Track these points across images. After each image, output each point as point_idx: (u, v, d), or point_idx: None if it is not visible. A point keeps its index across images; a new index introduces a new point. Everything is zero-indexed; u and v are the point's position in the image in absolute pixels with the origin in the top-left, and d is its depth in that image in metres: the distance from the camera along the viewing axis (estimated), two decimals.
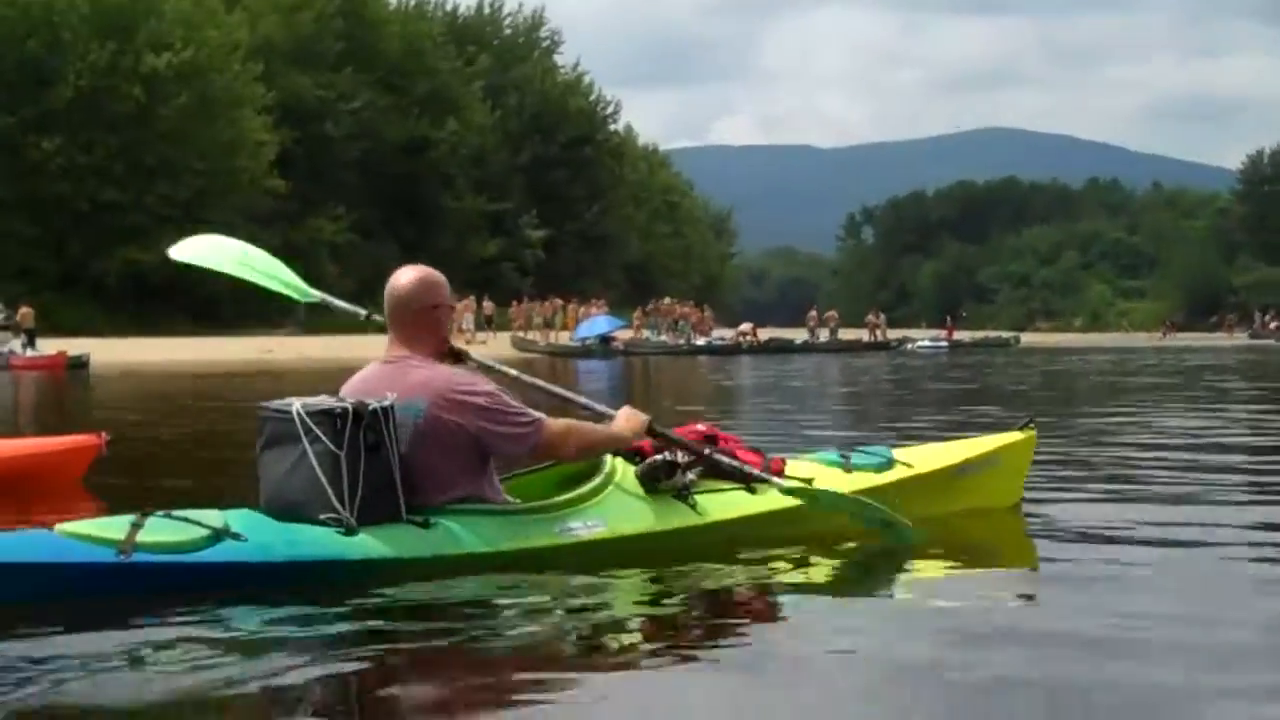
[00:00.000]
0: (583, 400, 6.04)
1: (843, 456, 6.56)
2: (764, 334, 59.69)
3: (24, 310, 42.01)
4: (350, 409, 4.97)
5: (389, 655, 4.29)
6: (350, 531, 4.97)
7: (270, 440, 5.17)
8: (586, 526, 5.42)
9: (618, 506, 5.55)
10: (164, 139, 58.52)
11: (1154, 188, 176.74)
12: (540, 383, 6.14)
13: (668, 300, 61.98)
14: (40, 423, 15.42)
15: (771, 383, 29.04)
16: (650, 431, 5.77)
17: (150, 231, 57.94)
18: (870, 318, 68.41)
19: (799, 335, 61.99)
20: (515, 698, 3.88)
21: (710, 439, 6.07)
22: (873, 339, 62.15)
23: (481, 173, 78.01)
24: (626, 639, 4.62)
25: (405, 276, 5.52)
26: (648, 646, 4.53)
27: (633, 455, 5.80)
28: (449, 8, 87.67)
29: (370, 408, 5.01)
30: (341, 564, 4.97)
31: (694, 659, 4.31)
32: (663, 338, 54.26)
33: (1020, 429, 7.36)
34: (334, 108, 70.41)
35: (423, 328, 5.51)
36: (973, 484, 6.93)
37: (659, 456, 5.74)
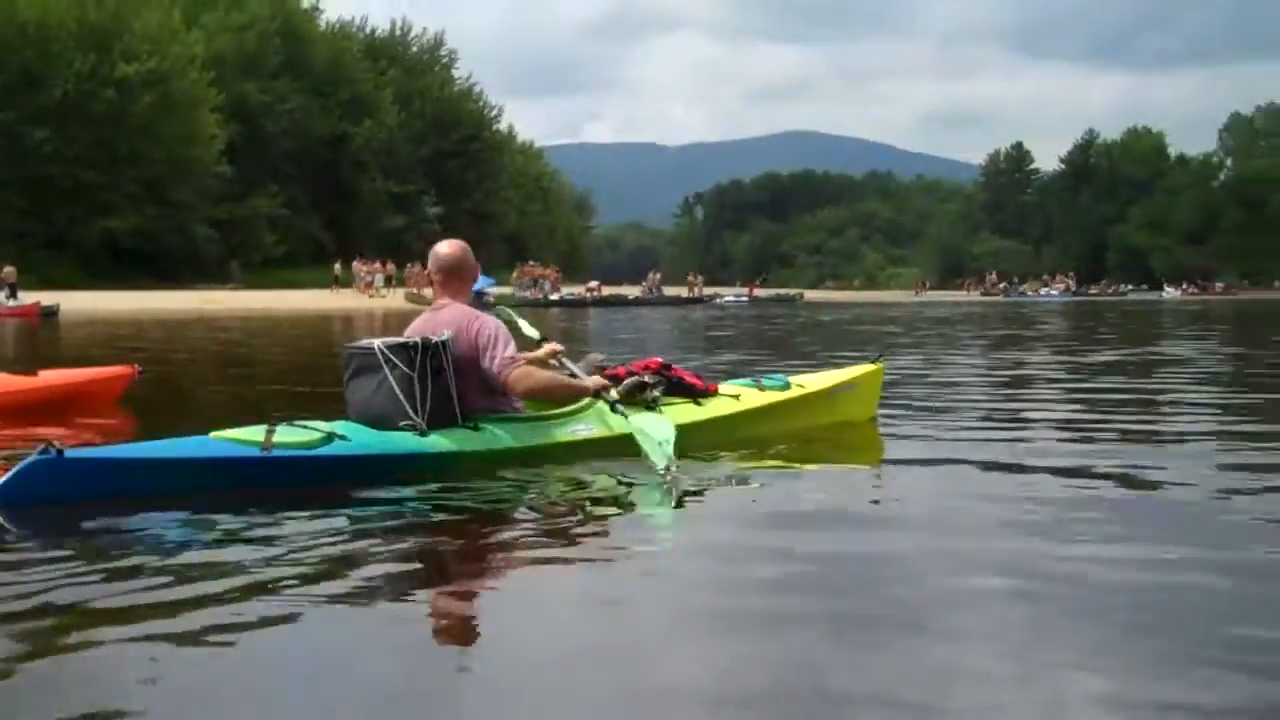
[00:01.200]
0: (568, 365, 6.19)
1: (755, 381, 7.08)
2: (608, 290, 60.13)
3: (7, 269, 40.90)
4: (420, 343, 5.41)
5: (451, 518, 4.73)
6: (423, 434, 5.39)
7: (357, 370, 5.56)
8: (585, 428, 5.86)
9: (602, 415, 5.91)
10: (134, 132, 57.24)
11: (917, 179, 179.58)
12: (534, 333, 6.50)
13: (531, 264, 61.92)
14: (20, 360, 14.90)
15: (613, 327, 29.61)
16: (605, 384, 6.04)
17: (122, 206, 57.71)
18: (690, 278, 69.09)
19: (635, 291, 62.32)
20: (535, 552, 4.32)
21: (665, 366, 6.46)
22: (690, 294, 62.76)
23: (390, 161, 77.06)
24: (597, 509, 4.97)
25: (447, 247, 6.08)
26: (613, 512, 4.98)
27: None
28: (368, 29, 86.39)
29: (433, 341, 5.45)
30: (419, 456, 5.35)
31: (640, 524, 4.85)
32: (525, 294, 54.45)
33: (872, 362, 7.97)
34: (272, 108, 69.16)
35: (457, 280, 6.01)
36: (844, 402, 7.48)
37: (634, 377, 6.16)
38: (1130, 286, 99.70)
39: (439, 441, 5.42)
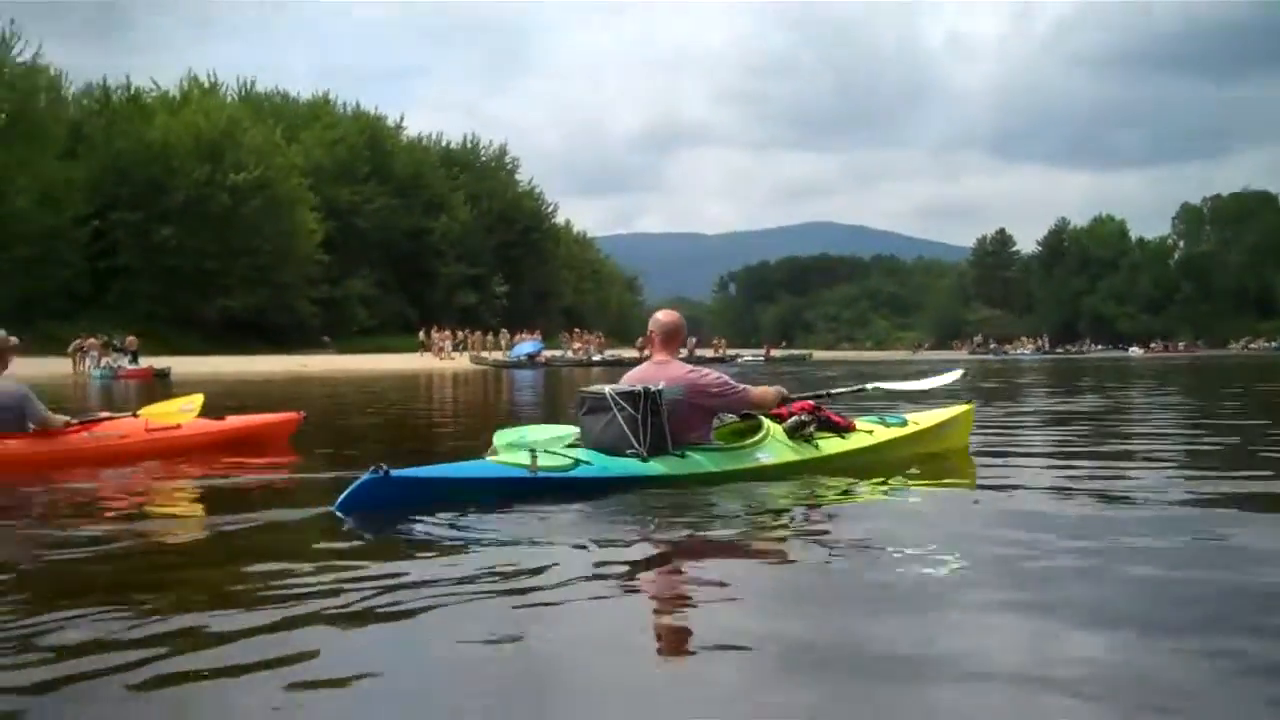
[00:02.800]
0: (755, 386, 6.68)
1: (881, 419, 7.52)
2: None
3: (130, 339, 41.69)
4: (643, 390, 5.87)
5: (662, 523, 4.94)
6: (645, 460, 5.82)
7: (590, 409, 6.01)
8: (766, 457, 6.29)
9: (777, 446, 6.40)
10: (245, 229, 58.26)
11: (918, 259, 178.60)
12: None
13: (578, 331, 62.15)
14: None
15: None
16: (783, 400, 6.67)
17: (236, 289, 58.55)
18: (715, 341, 68.91)
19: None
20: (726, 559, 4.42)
21: (817, 407, 6.91)
22: (716, 354, 62.72)
23: (464, 249, 77.61)
24: (775, 526, 5.12)
25: (665, 315, 6.53)
26: (792, 528, 5.05)
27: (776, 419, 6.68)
28: (443, 143, 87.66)
29: (652, 390, 5.90)
30: (643, 478, 5.74)
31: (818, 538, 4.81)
32: (571, 354, 54.64)
33: (965, 404, 8.36)
34: (362, 208, 70.25)
35: (675, 343, 6.52)
36: (948, 434, 7.85)
37: (795, 418, 6.61)
38: (1100, 346, 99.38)
39: (657, 466, 5.83)
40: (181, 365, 36.62)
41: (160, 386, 29.35)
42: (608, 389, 5.93)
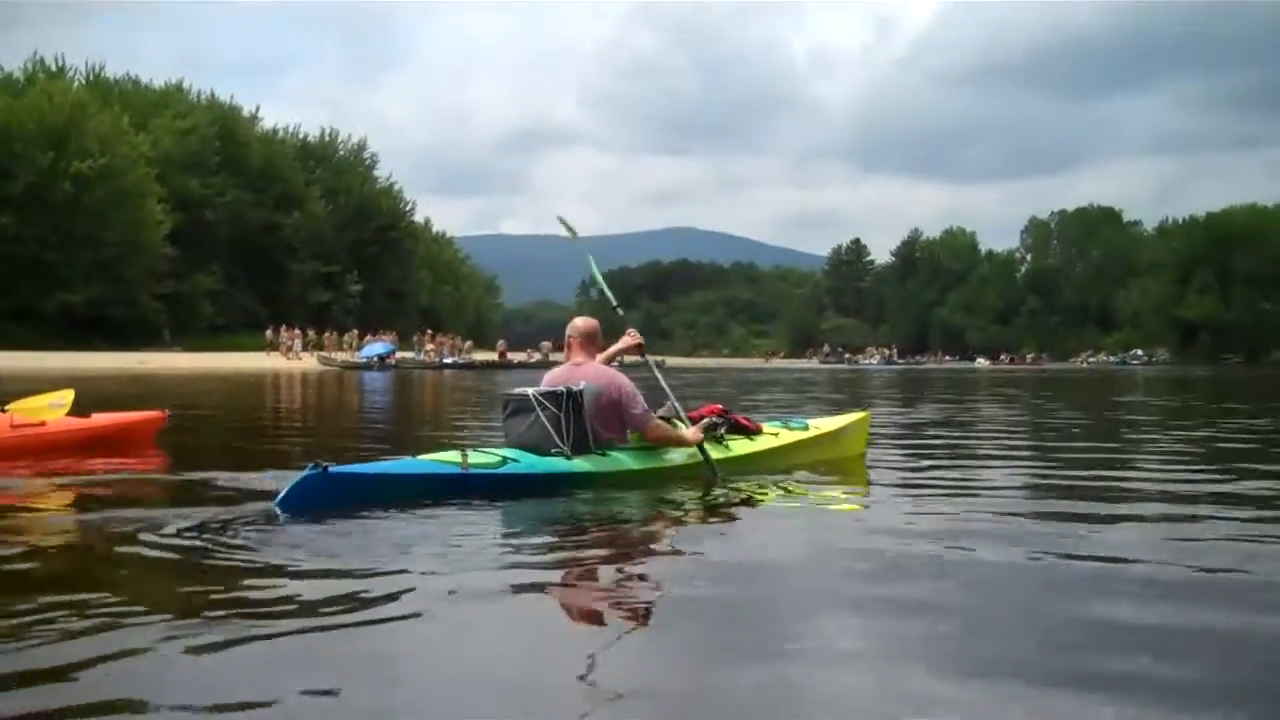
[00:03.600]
0: (677, 407, 7.01)
1: (785, 422, 8.01)
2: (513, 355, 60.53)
3: None
4: (566, 390, 6.17)
5: (585, 521, 5.33)
6: (568, 458, 6.12)
7: (515, 410, 6.30)
8: (679, 456, 6.69)
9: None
10: (88, 219, 56.62)
11: (775, 267, 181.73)
12: (664, 387, 7.16)
13: (430, 333, 61.78)
14: None
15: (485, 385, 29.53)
16: (704, 434, 6.87)
17: (77, 283, 56.71)
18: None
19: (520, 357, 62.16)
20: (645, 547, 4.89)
21: (725, 412, 7.36)
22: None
23: (318, 246, 76.75)
24: (684, 515, 5.73)
25: (582, 321, 6.83)
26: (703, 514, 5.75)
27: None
28: (301, 135, 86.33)
29: (575, 389, 6.19)
30: (568, 475, 6.05)
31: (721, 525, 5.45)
32: (420, 356, 54.35)
33: (862, 410, 9.18)
34: (212, 200, 68.68)
35: (591, 346, 6.72)
36: (845, 440, 8.35)
37: (706, 419, 7.04)
38: (950, 357, 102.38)
39: (581, 464, 6.14)
40: (4, 360, 34.13)
41: None
42: (530, 390, 6.23)
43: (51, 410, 8.67)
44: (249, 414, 16.48)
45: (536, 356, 60.92)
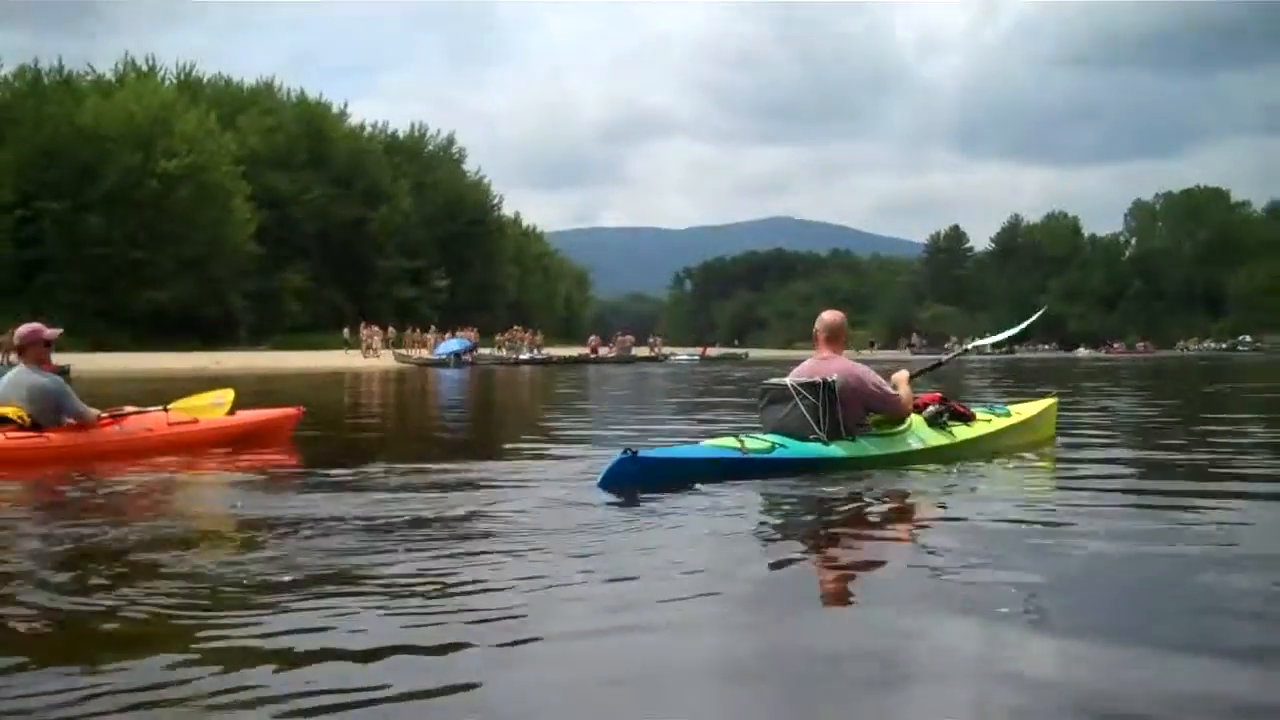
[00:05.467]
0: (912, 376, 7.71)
1: (991, 410, 8.53)
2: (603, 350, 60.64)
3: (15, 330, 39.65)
4: (822, 381, 6.73)
5: (850, 495, 5.85)
6: (825, 443, 6.70)
7: (773, 399, 6.94)
8: (917, 441, 7.28)
9: (924, 433, 7.39)
10: (175, 218, 57.94)
11: (874, 256, 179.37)
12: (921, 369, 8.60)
13: (515, 329, 62.06)
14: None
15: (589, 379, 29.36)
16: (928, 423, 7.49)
17: (165, 280, 58.13)
18: (651, 339, 69.01)
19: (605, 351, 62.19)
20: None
21: (944, 400, 7.86)
22: (651, 354, 62.83)
23: (404, 241, 77.61)
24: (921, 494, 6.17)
25: (831, 315, 7.35)
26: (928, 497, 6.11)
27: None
28: (389, 130, 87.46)
29: (828, 380, 6.74)
30: (827, 459, 6.63)
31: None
32: (499, 353, 54.38)
33: (1051, 397, 9.91)
34: (298, 197, 69.89)
35: (836, 342, 7.21)
36: (1040, 425, 8.99)
37: (930, 408, 7.59)
38: (1045, 346, 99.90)
39: (836, 449, 6.72)
40: (86, 363, 33.42)
41: None
42: (789, 380, 6.81)
43: (214, 409, 9.37)
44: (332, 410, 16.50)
45: (618, 350, 61.13)
